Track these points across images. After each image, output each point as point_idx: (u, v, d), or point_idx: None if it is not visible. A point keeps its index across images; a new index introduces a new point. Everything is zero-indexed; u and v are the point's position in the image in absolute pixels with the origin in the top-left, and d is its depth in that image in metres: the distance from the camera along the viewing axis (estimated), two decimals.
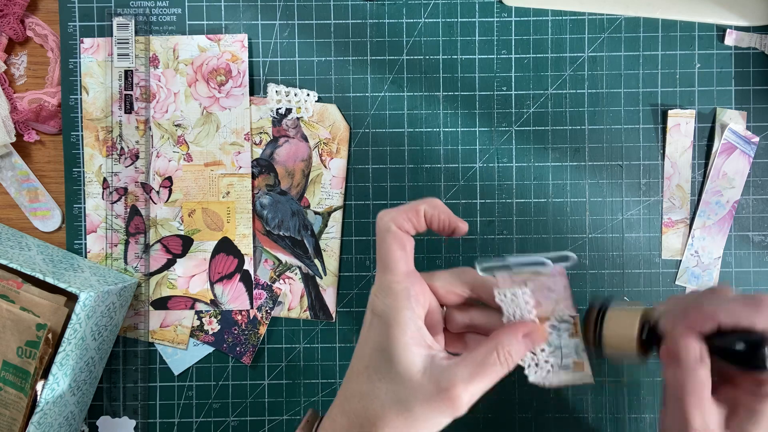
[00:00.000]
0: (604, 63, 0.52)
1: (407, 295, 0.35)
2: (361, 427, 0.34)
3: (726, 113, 0.51)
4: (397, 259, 0.35)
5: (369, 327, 0.36)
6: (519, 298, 0.37)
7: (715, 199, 0.51)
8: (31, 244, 0.50)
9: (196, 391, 0.52)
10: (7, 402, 0.44)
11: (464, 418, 0.53)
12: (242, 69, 0.51)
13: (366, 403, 0.34)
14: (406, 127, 0.52)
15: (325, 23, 0.52)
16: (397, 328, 0.34)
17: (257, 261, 0.52)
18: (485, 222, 0.52)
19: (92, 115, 0.51)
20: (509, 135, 0.52)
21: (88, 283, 0.45)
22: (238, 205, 0.51)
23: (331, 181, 0.51)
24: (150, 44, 0.51)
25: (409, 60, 0.52)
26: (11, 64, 0.52)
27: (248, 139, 0.51)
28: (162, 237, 0.51)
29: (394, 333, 0.34)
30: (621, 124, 0.52)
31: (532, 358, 0.38)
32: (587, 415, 0.52)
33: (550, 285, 0.37)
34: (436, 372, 0.33)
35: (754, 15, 0.51)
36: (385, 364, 0.34)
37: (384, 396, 0.34)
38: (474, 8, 0.51)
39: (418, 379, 0.33)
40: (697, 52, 0.51)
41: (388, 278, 0.35)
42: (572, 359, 0.38)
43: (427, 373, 0.33)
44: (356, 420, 0.35)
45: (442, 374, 0.33)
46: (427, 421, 0.34)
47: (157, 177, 0.51)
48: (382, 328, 0.35)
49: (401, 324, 0.34)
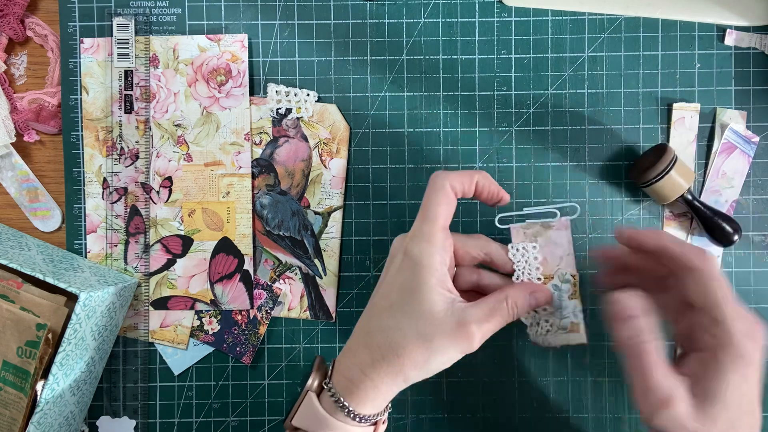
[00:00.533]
0: (604, 63, 0.52)
1: (442, 245, 0.39)
2: (383, 358, 0.38)
3: (726, 113, 0.51)
4: (440, 213, 0.40)
5: (399, 269, 0.40)
6: (529, 252, 0.43)
7: (714, 198, 0.51)
8: (31, 244, 0.50)
9: (196, 391, 0.52)
10: (7, 402, 0.44)
11: (465, 418, 0.53)
12: (242, 69, 0.51)
13: (390, 336, 0.38)
14: (406, 127, 0.52)
15: (325, 23, 0.52)
16: (427, 271, 0.38)
17: (257, 261, 0.52)
18: (485, 222, 0.52)
19: (92, 115, 0.51)
20: (509, 135, 0.52)
21: (88, 283, 0.45)
22: (238, 205, 0.51)
23: (331, 181, 0.51)
24: (150, 44, 0.51)
25: (409, 60, 0.52)
26: (11, 64, 0.52)
27: (248, 139, 0.51)
28: (162, 237, 0.51)
29: (423, 275, 0.38)
30: (621, 124, 0.52)
31: (534, 317, 0.43)
32: (587, 415, 0.52)
33: (556, 239, 0.43)
34: (456, 311, 0.38)
35: (754, 15, 0.51)
36: (411, 301, 0.38)
37: (408, 329, 0.38)
38: (474, 8, 0.51)
39: (441, 317, 0.38)
40: (697, 52, 0.52)
41: (428, 226, 0.39)
42: (570, 320, 0.43)
43: (449, 312, 0.38)
44: (379, 351, 0.38)
45: (462, 313, 0.38)
46: (444, 354, 0.38)
47: (157, 177, 0.51)
48: (413, 269, 0.39)
49: (432, 267, 0.38)
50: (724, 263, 0.52)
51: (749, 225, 0.52)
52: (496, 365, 0.52)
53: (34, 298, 0.45)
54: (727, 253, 0.52)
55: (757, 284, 0.52)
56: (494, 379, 0.52)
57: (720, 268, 0.38)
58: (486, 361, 0.52)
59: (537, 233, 0.43)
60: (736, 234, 0.49)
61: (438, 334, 0.37)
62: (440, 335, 0.37)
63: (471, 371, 0.52)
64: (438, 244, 0.39)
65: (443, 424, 0.52)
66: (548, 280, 0.43)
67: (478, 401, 0.52)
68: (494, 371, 0.52)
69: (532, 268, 0.43)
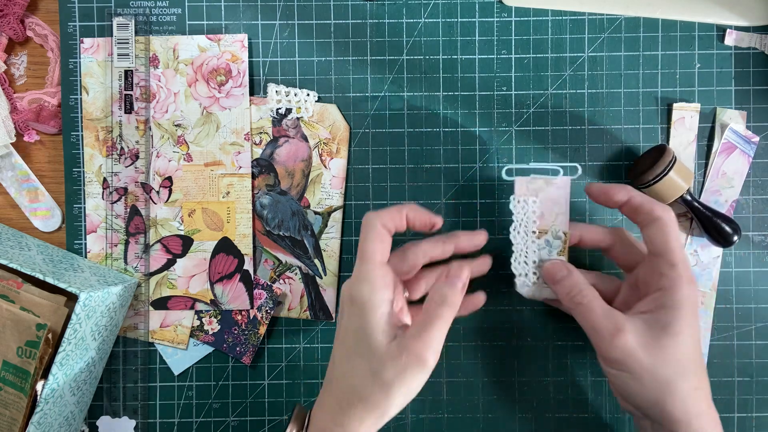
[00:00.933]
0: (604, 63, 0.52)
1: (382, 282, 0.40)
2: (350, 404, 0.39)
3: (726, 113, 0.51)
4: (376, 251, 0.41)
5: (347, 316, 0.41)
6: (529, 206, 0.46)
7: (714, 198, 0.51)
8: (31, 244, 0.50)
9: (196, 391, 0.52)
10: (7, 402, 0.44)
11: (465, 418, 0.53)
12: (242, 69, 0.51)
13: (349, 381, 0.40)
14: (406, 127, 0.52)
15: (325, 23, 0.52)
16: (371, 311, 0.39)
17: (257, 261, 0.52)
18: (485, 222, 0.52)
19: (92, 115, 0.51)
20: (509, 135, 0.52)
21: (88, 283, 0.45)
22: (238, 205, 0.51)
23: (331, 181, 0.51)
24: (150, 44, 0.51)
25: (409, 60, 0.52)
26: (11, 64, 0.52)
27: (248, 139, 0.51)
28: (162, 237, 0.51)
29: (369, 315, 0.39)
30: (621, 124, 0.52)
31: (524, 267, 0.46)
32: (587, 415, 0.52)
33: (555, 197, 0.46)
34: (399, 340, 0.39)
35: (754, 15, 0.51)
36: (361, 343, 0.39)
37: (363, 371, 0.39)
38: (474, 8, 0.51)
39: (387, 350, 0.39)
40: (697, 52, 0.52)
41: (366, 267, 0.41)
42: None
43: (394, 344, 0.39)
44: (345, 398, 0.40)
45: (403, 339, 0.39)
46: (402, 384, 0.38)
47: (157, 177, 0.51)
48: (358, 312, 0.40)
49: (374, 306, 0.40)
50: (724, 263, 0.52)
51: (749, 225, 0.52)
52: (496, 365, 0.52)
53: (34, 298, 0.45)
54: (727, 253, 0.52)
55: (757, 284, 0.52)
56: (494, 379, 0.52)
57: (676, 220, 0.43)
58: (486, 360, 0.52)
59: (539, 188, 0.46)
60: (736, 234, 0.49)
61: (388, 367, 0.38)
62: (390, 367, 0.38)
63: (471, 371, 0.52)
64: (378, 283, 0.40)
65: (443, 424, 0.52)
66: (542, 234, 0.46)
67: (478, 401, 0.52)
68: (494, 371, 0.52)
69: (529, 221, 0.46)
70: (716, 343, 0.52)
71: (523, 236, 0.46)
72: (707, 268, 0.52)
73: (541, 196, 0.46)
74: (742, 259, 0.52)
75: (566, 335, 0.52)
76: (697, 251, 0.52)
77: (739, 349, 0.52)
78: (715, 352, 0.52)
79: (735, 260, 0.52)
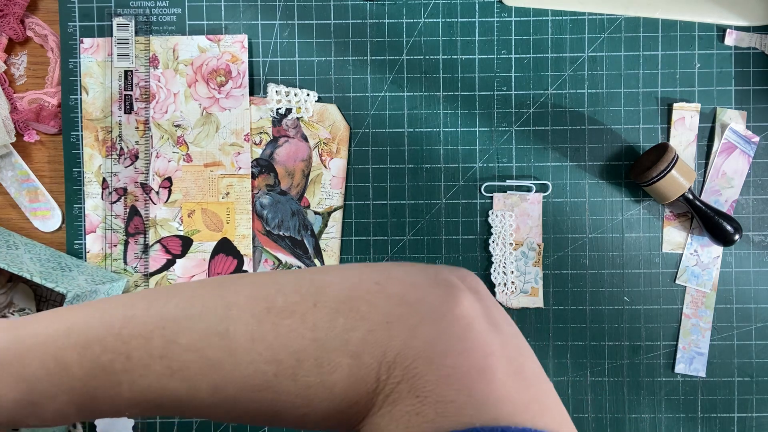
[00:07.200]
0: (604, 63, 0.51)
1: None
2: None
3: (726, 113, 0.51)
4: None
5: None
6: (506, 219, 0.50)
7: (714, 198, 0.51)
8: (18, 243, 0.50)
9: None
10: None
11: None
12: (242, 69, 0.51)
13: None
14: (406, 127, 0.52)
15: (325, 23, 0.52)
16: None
17: (257, 261, 0.52)
18: (485, 222, 0.52)
19: (92, 115, 0.51)
20: (509, 135, 0.52)
21: (75, 283, 0.45)
22: (237, 205, 0.51)
23: (331, 181, 0.51)
24: (150, 44, 0.51)
25: (409, 60, 0.52)
26: (11, 64, 0.52)
27: (248, 140, 0.51)
28: (161, 237, 0.51)
29: None
30: (621, 124, 0.52)
31: (504, 277, 0.50)
32: (587, 415, 0.52)
33: (530, 211, 0.50)
34: None
35: (754, 15, 0.51)
36: None
37: None
38: (474, 8, 0.51)
39: None
40: (697, 52, 0.51)
41: None
42: (531, 285, 0.50)
43: None
44: None
45: None
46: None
47: (156, 177, 0.51)
48: None
49: None
50: (724, 263, 0.52)
51: (749, 225, 0.52)
52: None
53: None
54: (727, 253, 0.52)
55: (757, 284, 0.52)
56: None
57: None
58: None
59: (514, 203, 0.50)
60: (737, 233, 0.49)
61: None
62: None
63: None
64: None
65: None
66: (519, 245, 0.50)
67: None
68: None
69: (506, 234, 0.50)
70: (716, 343, 0.52)
71: (501, 248, 0.50)
72: (707, 268, 0.52)
73: (516, 211, 0.50)
74: (742, 259, 0.52)
75: (566, 335, 0.52)
76: (697, 251, 0.51)
77: (739, 349, 0.52)
78: (715, 352, 0.52)
79: (735, 260, 0.52)
